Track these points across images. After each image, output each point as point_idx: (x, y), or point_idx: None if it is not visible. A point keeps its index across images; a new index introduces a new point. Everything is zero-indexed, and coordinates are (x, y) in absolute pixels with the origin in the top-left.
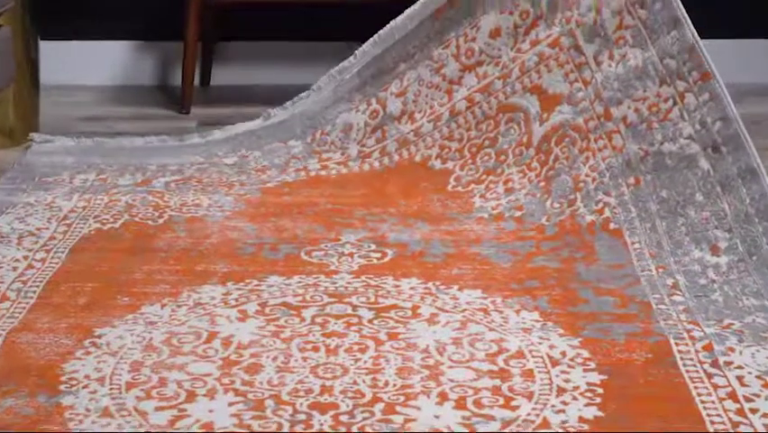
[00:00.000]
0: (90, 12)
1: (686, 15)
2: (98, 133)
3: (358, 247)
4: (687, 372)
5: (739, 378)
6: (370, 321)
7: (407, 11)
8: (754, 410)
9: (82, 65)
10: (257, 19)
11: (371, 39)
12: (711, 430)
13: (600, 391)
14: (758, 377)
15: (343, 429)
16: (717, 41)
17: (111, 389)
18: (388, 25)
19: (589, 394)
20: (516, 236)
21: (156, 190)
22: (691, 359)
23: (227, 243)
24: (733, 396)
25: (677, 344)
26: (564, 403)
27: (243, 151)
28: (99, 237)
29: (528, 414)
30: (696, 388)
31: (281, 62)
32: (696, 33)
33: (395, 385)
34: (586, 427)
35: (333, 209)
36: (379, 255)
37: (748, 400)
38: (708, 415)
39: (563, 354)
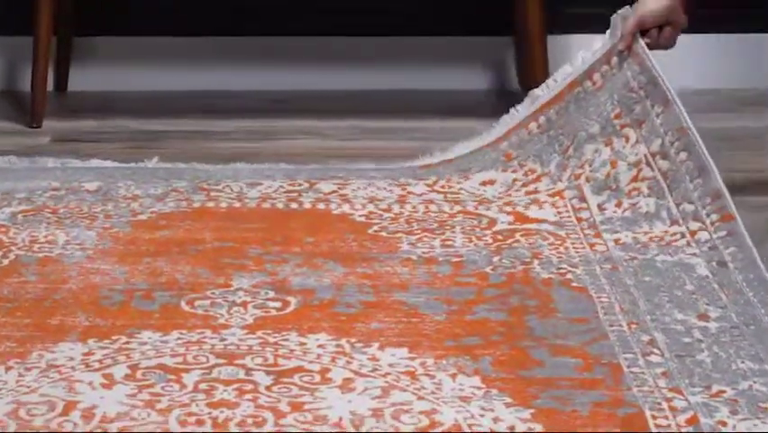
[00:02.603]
0: None
1: (711, 161)
2: None
3: (253, 295)
4: None
5: None
6: (268, 388)
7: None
8: None
9: None
10: (128, 8)
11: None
12: None
13: None
14: None
15: None
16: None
17: None
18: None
19: None
20: (452, 282)
21: None
22: None
23: (89, 289)
24: None
25: (654, 416)
26: None
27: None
28: None
29: None
30: None
31: (158, 63)
32: (720, 179)
33: None
34: None
35: (221, 248)
36: (279, 305)
37: None
38: None
39: (512, 428)
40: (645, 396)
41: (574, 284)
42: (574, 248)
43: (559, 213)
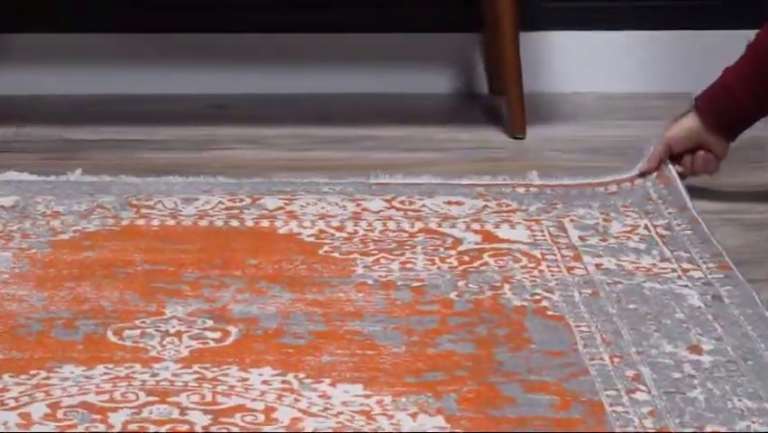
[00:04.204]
0: None
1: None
2: None
3: (188, 324)
4: None
5: None
6: (205, 429)
7: None
8: None
9: None
10: (47, 1)
11: None
12: None
13: None
14: None
15: None
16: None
17: None
18: None
19: None
20: (412, 309)
21: None
22: None
23: (4, 318)
24: None
25: None
26: None
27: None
28: None
29: None
30: None
31: (82, 63)
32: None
33: None
34: None
35: (153, 271)
36: (218, 336)
37: None
38: None
39: None
40: None
41: (550, 312)
42: (550, 271)
43: (533, 235)
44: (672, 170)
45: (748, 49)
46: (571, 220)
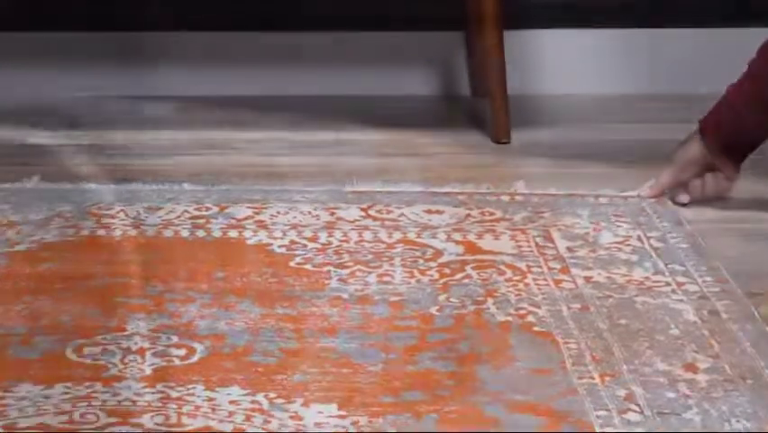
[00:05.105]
0: None
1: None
2: None
3: (152, 340)
4: None
5: None
6: None
7: None
8: None
9: None
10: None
11: None
12: None
13: None
14: None
15: None
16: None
17: None
18: None
19: None
20: (390, 325)
21: None
22: None
23: None
24: None
25: None
26: None
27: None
28: None
29: None
30: None
31: (39, 63)
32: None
33: None
34: None
35: (114, 284)
36: (183, 353)
37: None
38: None
39: None
40: None
41: (536, 328)
42: (536, 284)
43: (519, 245)
44: (671, 204)
45: (752, 65)
46: (559, 230)
